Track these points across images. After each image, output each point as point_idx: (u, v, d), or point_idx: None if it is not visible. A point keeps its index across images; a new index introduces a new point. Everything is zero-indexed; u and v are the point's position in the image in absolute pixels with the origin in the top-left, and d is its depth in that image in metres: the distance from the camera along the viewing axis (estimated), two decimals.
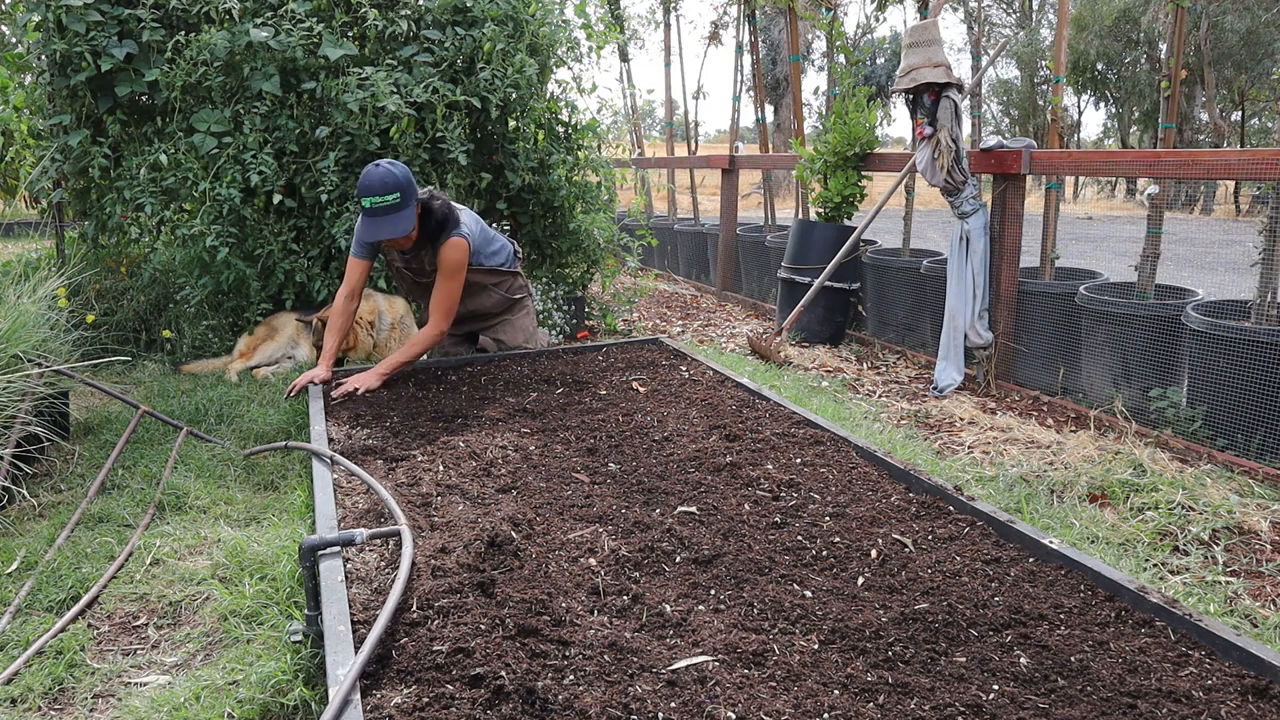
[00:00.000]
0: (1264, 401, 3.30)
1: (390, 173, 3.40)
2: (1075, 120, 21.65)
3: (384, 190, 3.38)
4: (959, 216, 4.48)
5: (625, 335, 5.71)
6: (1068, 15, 4.99)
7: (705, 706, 1.47)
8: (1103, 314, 3.98)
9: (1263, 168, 3.33)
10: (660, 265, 9.43)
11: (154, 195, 4.50)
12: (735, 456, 2.65)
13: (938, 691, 1.56)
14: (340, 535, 1.98)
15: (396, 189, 3.40)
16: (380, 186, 3.37)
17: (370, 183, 3.38)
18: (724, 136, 18.25)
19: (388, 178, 3.39)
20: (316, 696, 1.93)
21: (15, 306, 3.38)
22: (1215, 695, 1.54)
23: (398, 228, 3.44)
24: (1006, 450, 3.60)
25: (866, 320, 5.78)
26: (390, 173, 3.40)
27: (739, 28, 8.38)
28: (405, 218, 3.45)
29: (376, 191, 3.38)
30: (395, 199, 3.40)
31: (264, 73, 4.51)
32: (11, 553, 2.67)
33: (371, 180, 3.38)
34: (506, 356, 3.93)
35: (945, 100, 4.40)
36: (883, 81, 21.82)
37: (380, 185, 3.37)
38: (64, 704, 2.05)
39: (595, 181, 5.48)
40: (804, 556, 2.06)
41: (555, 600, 1.80)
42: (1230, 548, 2.76)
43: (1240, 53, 15.73)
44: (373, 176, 3.38)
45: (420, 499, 2.37)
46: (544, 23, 5.06)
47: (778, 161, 7.38)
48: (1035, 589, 1.91)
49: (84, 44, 4.41)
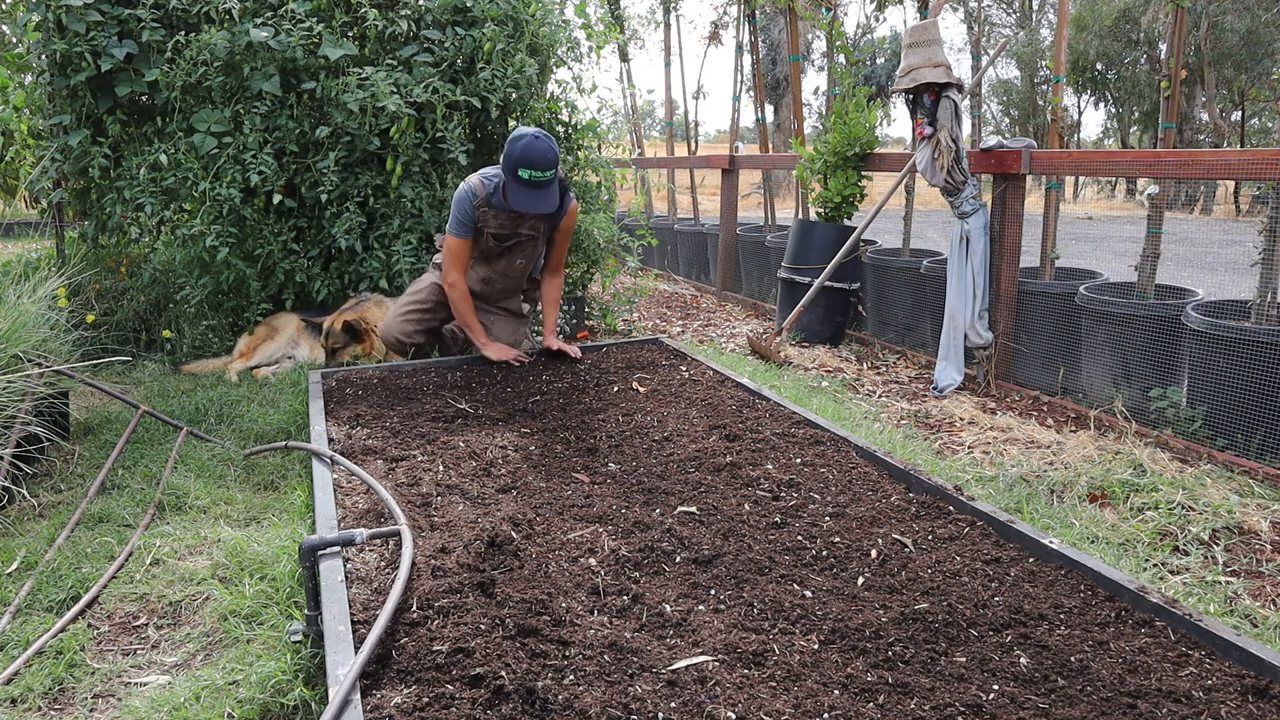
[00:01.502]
0: (1264, 401, 3.30)
1: (551, 147, 3.36)
2: (1075, 120, 21.66)
3: (546, 165, 3.34)
4: (959, 216, 4.48)
5: (625, 335, 5.71)
6: (1068, 15, 4.99)
7: (705, 706, 1.47)
8: (1103, 314, 3.98)
9: (1263, 168, 3.33)
10: (660, 265, 9.43)
11: (154, 195, 4.50)
12: (735, 456, 2.65)
13: (938, 691, 1.56)
14: (340, 535, 1.98)
15: (557, 163, 3.37)
16: (544, 161, 3.32)
17: (534, 156, 3.30)
18: (724, 136, 18.25)
19: (550, 153, 3.34)
20: (316, 696, 1.93)
21: (15, 306, 3.38)
22: (1215, 695, 1.54)
23: (551, 201, 3.44)
24: (1006, 450, 3.60)
25: (866, 320, 5.78)
26: (551, 147, 3.36)
27: (739, 28, 8.38)
28: (556, 191, 3.47)
29: (539, 165, 3.32)
30: (554, 174, 3.39)
31: (264, 73, 4.50)
32: (11, 553, 2.67)
33: (535, 154, 3.31)
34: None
35: (945, 100, 4.40)
36: (883, 81, 21.81)
37: (544, 160, 3.32)
38: (64, 704, 2.05)
39: (595, 181, 5.48)
40: (804, 556, 2.06)
41: (555, 600, 1.80)
42: (1230, 548, 2.76)
43: (1240, 53, 15.73)
44: (536, 150, 3.32)
45: (420, 499, 2.37)
46: (544, 23, 5.06)
47: (778, 161, 7.38)
48: (1035, 589, 1.91)
49: (84, 44, 4.41)
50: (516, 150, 3.33)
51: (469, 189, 3.59)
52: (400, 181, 4.70)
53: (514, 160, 3.34)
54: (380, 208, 4.77)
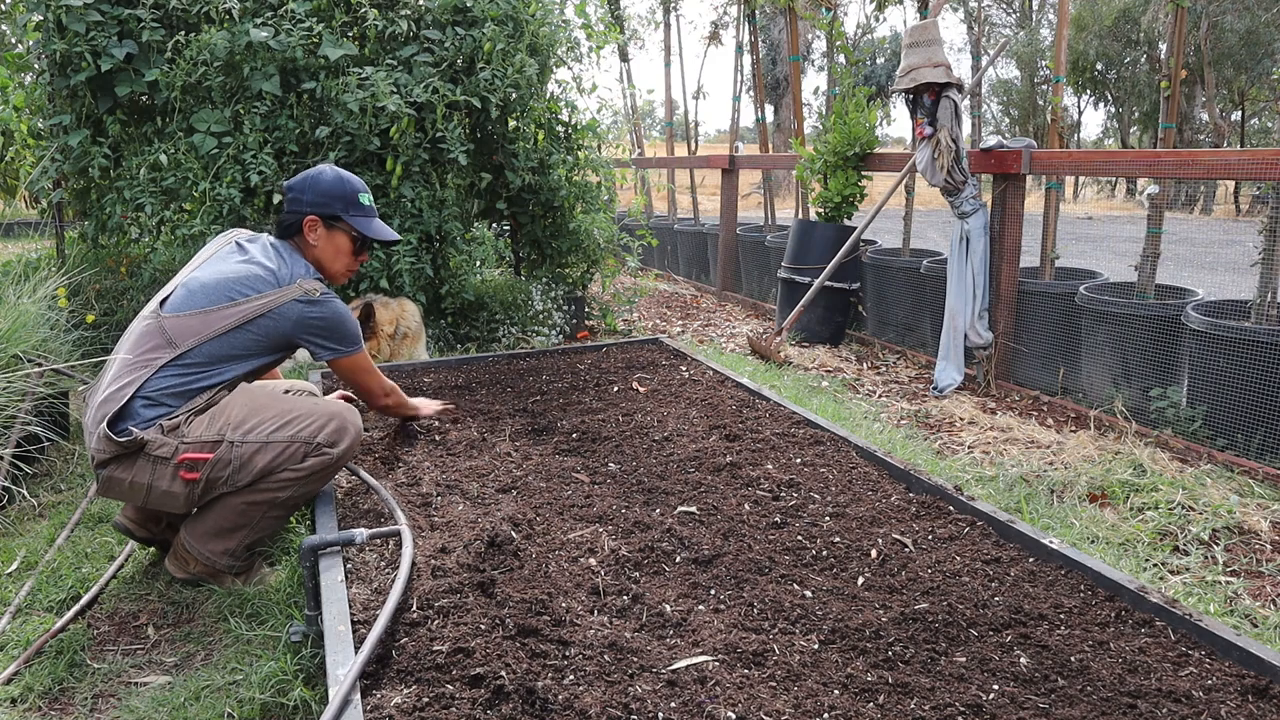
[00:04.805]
0: (1264, 401, 3.30)
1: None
2: (1075, 120, 21.66)
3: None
4: (959, 216, 4.48)
5: (625, 335, 5.71)
6: (1068, 15, 4.99)
7: (705, 706, 1.47)
8: (1103, 314, 3.98)
9: (1263, 168, 3.33)
10: (660, 265, 9.43)
11: (154, 195, 4.50)
12: (735, 456, 2.65)
13: (938, 691, 1.55)
14: (340, 535, 1.99)
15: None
16: (365, 185, 2.74)
17: (353, 179, 2.68)
18: (724, 136, 18.25)
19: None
20: (316, 696, 1.93)
21: (15, 306, 3.38)
22: (1215, 695, 1.54)
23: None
24: (1006, 450, 3.60)
25: (866, 320, 5.78)
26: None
27: (739, 28, 8.38)
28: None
29: (367, 188, 2.74)
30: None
31: (264, 73, 4.51)
32: (11, 553, 2.67)
33: (353, 176, 2.70)
34: (506, 357, 3.93)
35: (945, 100, 4.40)
36: (883, 81, 21.82)
37: (364, 184, 2.74)
38: (64, 704, 2.05)
39: (595, 181, 5.48)
40: (804, 556, 2.06)
41: (555, 600, 1.80)
42: (1230, 548, 2.76)
43: (1240, 53, 15.73)
44: (348, 175, 2.69)
45: (420, 499, 2.37)
46: (544, 23, 5.06)
47: (778, 161, 7.38)
48: (1035, 589, 1.91)
49: (84, 44, 4.41)
50: (332, 181, 2.62)
51: (328, 294, 2.56)
52: (400, 181, 4.70)
53: (346, 192, 2.62)
54: (380, 208, 4.77)
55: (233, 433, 2.32)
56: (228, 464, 2.30)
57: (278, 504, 2.38)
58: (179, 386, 2.34)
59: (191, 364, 2.36)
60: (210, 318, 2.38)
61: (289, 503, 2.39)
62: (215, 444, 2.30)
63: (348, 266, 2.70)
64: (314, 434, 2.36)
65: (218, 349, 2.38)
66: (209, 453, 2.29)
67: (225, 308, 2.39)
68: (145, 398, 2.31)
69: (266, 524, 2.43)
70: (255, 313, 2.40)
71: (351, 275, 2.79)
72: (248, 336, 2.40)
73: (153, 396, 2.32)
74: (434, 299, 5.08)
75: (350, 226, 2.62)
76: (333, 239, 2.62)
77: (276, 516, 2.44)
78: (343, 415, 2.44)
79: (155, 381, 2.33)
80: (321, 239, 2.61)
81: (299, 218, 2.58)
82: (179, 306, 2.41)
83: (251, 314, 2.40)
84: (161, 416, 2.31)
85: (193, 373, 2.36)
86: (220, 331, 2.37)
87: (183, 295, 2.43)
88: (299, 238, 2.61)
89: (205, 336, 2.37)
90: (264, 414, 2.36)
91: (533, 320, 5.29)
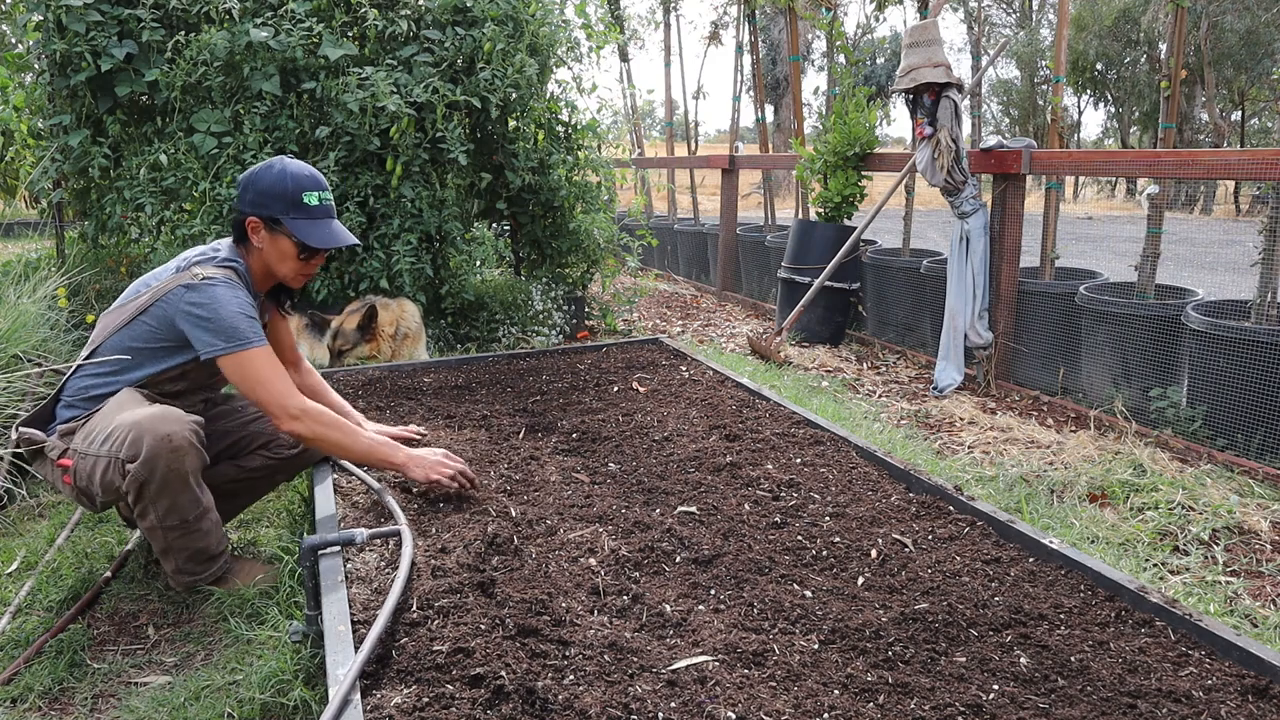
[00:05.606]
0: (1264, 401, 3.30)
1: (309, 166, 2.48)
2: (1075, 120, 21.67)
3: (325, 184, 2.45)
4: (959, 216, 4.48)
5: (625, 335, 5.71)
6: (1068, 15, 4.99)
7: (705, 706, 1.47)
8: (1103, 314, 3.98)
9: (1263, 168, 3.33)
10: (660, 265, 9.43)
11: (154, 195, 4.50)
12: (735, 456, 2.65)
13: (938, 691, 1.55)
14: (340, 535, 1.98)
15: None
16: (320, 180, 2.43)
17: (302, 175, 2.38)
18: (724, 136, 18.25)
19: (316, 171, 2.46)
20: (316, 696, 1.93)
21: (15, 306, 3.38)
22: (1215, 695, 1.54)
23: (349, 233, 2.50)
24: (1006, 450, 3.60)
25: (866, 320, 5.78)
26: (309, 166, 2.48)
27: (739, 28, 8.38)
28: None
29: (320, 184, 2.42)
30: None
31: (264, 73, 4.51)
32: (11, 553, 2.67)
33: (302, 172, 2.38)
34: (506, 357, 3.92)
35: (945, 100, 4.40)
36: (883, 81, 21.81)
37: (318, 179, 2.43)
38: (64, 704, 2.05)
39: (595, 181, 5.49)
40: (804, 556, 2.06)
41: (555, 600, 1.80)
42: (1230, 548, 2.76)
43: (1240, 53, 15.73)
44: (299, 168, 2.39)
45: (420, 498, 2.37)
46: (544, 23, 5.07)
47: (778, 161, 7.39)
48: (1035, 589, 1.91)
49: (84, 44, 4.41)
50: (273, 179, 2.35)
51: (214, 279, 2.29)
52: (400, 181, 4.70)
53: (287, 191, 2.34)
54: (380, 208, 4.77)
55: (81, 442, 2.25)
56: (82, 475, 2.23)
57: (164, 526, 2.24)
58: (90, 389, 2.32)
59: (101, 364, 2.33)
60: (120, 312, 2.36)
61: (178, 527, 2.23)
62: (71, 452, 2.27)
63: (296, 271, 2.43)
64: (118, 449, 2.17)
65: (119, 342, 2.32)
66: (70, 459, 2.25)
67: (131, 301, 2.36)
68: (64, 400, 2.32)
69: (182, 543, 2.28)
70: (149, 301, 2.31)
71: (306, 280, 2.52)
72: (144, 327, 2.32)
73: (69, 399, 2.32)
74: (434, 299, 5.08)
75: (289, 231, 2.35)
76: (276, 243, 2.38)
77: (180, 535, 2.27)
78: (139, 425, 2.16)
79: (72, 383, 2.34)
80: (265, 242, 2.38)
81: (242, 218, 2.38)
82: (109, 307, 2.42)
83: (146, 303, 2.31)
84: (76, 418, 2.30)
85: (101, 375, 2.33)
86: (122, 324, 2.33)
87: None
88: (247, 240, 2.41)
89: (110, 330, 2.34)
90: (104, 423, 2.22)
91: (533, 320, 5.29)
